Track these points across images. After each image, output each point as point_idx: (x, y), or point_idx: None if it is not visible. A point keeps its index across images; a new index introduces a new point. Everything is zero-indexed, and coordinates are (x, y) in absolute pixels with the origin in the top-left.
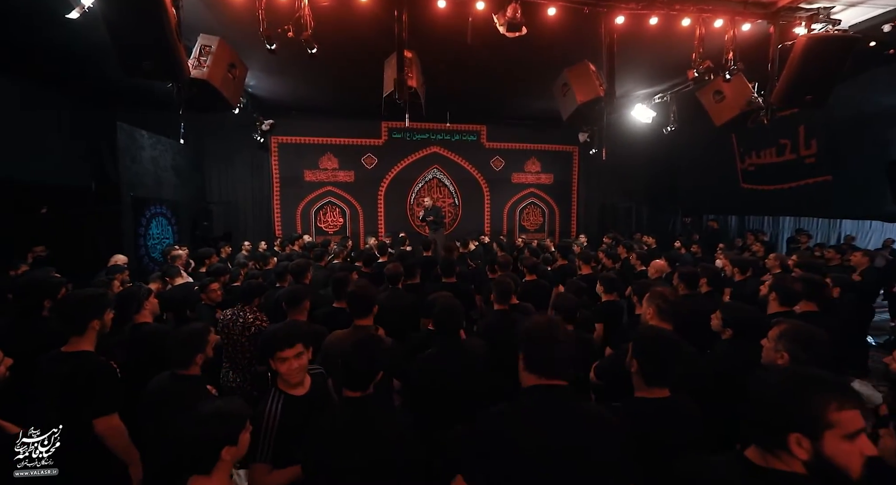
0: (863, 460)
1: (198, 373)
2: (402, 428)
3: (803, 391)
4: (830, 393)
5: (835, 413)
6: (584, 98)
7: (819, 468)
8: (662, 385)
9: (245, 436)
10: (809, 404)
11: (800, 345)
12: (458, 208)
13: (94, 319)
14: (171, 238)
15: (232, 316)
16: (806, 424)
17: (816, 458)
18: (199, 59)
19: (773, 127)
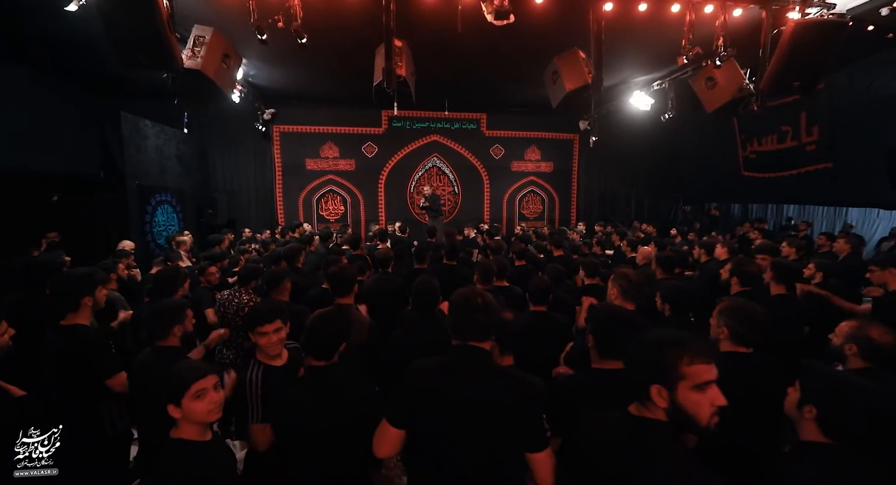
0: (712, 410)
1: (176, 344)
2: (364, 391)
3: (661, 348)
4: (683, 349)
5: (686, 367)
6: (573, 86)
7: (675, 415)
8: (615, 358)
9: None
10: (665, 359)
11: (737, 320)
12: (457, 197)
13: (86, 296)
14: (176, 226)
15: (228, 296)
16: (663, 376)
17: (672, 406)
18: (194, 49)
19: (775, 114)
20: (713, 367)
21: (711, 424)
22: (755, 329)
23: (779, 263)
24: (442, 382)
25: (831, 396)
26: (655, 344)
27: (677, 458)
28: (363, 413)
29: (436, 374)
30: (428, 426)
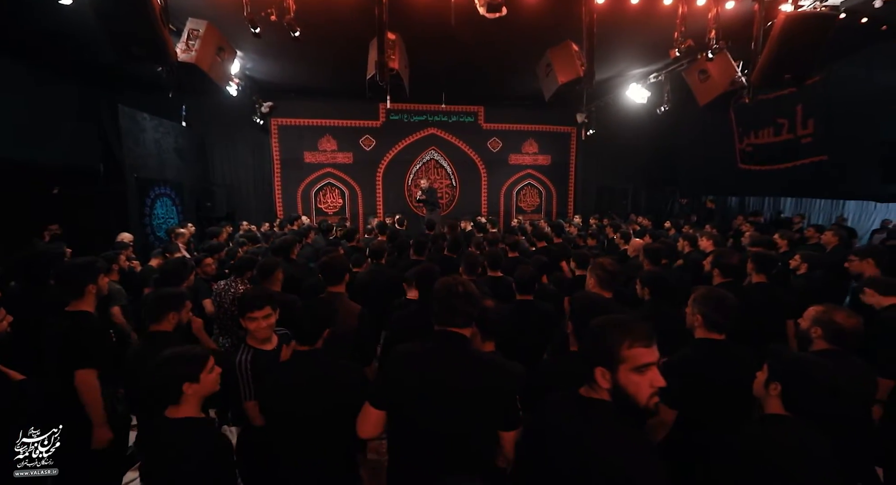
0: (652, 390)
1: (169, 330)
2: (348, 375)
3: (605, 332)
4: (624, 334)
5: (626, 350)
6: (566, 78)
7: (617, 396)
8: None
9: (207, 376)
10: (607, 343)
11: (710, 307)
12: (455, 190)
13: (89, 284)
14: (175, 218)
15: (224, 287)
16: (606, 359)
17: (615, 387)
18: (188, 43)
19: (771, 106)
20: (653, 350)
21: (651, 404)
22: (727, 317)
23: (758, 254)
24: (422, 366)
25: (793, 373)
26: (599, 329)
27: (617, 436)
28: (345, 396)
29: (416, 358)
30: (408, 408)
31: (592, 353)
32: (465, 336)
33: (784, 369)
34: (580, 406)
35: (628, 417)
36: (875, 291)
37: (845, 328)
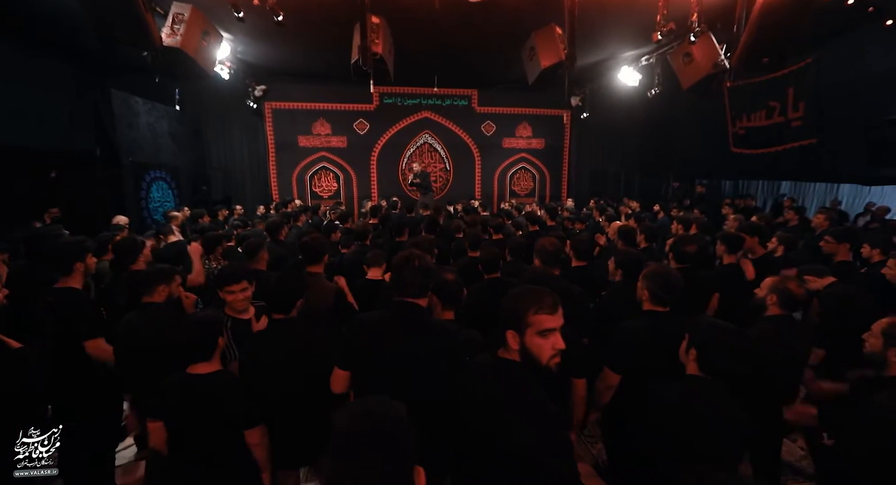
0: (553, 352)
1: (161, 300)
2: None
3: (515, 301)
4: (532, 302)
5: (532, 316)
6: (549, 62)
7: (524, 356)
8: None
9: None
10: (517, 309)
11: (656, 283)
12: (449, 174)
13: (77, 262)
14: (171, 202)
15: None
16: (515, 323)
17: (522, 348)
18: (173, 27)
19: (764, 89)
20: (557, 317)
21: (551, 364)
22: (670, 292)
23: (726, 235)
24: (379, 332)
25: (706, 339)
26: (512, 297)
27: (522, 390)
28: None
29: (375, 325)
30: (367, 369)
31: (505, 318)
32: (419, 305)
33: (699, 336)
34: (495, 366)
35: (533, 375)
36: (815, 277)
37: (796, 295)
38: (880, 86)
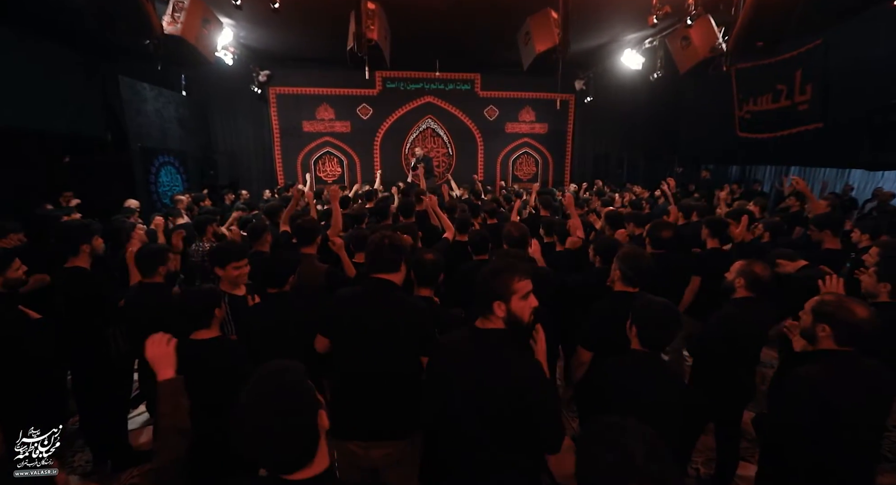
0: (530, 310)
1: (161, 281)
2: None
3: (500, 274)
4: (514, 272)
5: (516, 283)
6: (543, 47)
7: (510, 321)
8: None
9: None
10: (502, 281)
11: (626, 263)
12: (451, 158)
13: (84, 244)
14: (180, 186)
15: (194, 248)
16: (502, 293)
17: (508, 314)
18: (174, 15)
19: (772, 71)
20: (529, 282)
21: (530, 320)
22: (639, 273)
23: (710, 219)
24: (354, 305)
25: (643, 316)
26: (494, 272)
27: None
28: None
29: (351, 298)
30: (344, 337)
31: (490, 291)
32: (391, 282)
33: (638, 313)
34: (477, 335)
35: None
36: (787, 261)
37: (762, 277)
38: (888, 69)
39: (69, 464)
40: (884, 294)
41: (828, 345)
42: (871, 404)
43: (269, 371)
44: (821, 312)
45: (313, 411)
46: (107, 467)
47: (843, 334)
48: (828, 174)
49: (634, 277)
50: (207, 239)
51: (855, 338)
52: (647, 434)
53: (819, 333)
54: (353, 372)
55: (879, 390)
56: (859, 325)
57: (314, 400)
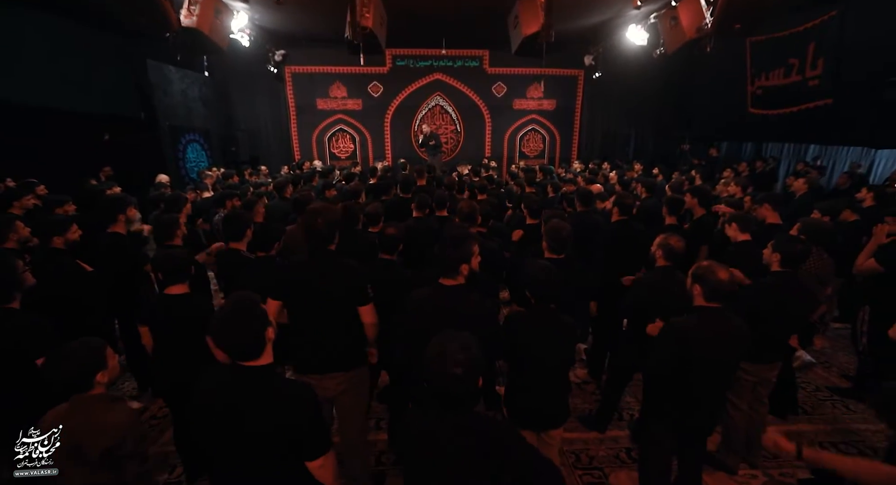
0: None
1: (179, 243)
2: None
3: (464, 242)
4: (472, 239)
5: (474, 247)
6: (529, 30)
7: (470, 277)
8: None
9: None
10: (467, 247)
11: (549, 235)
12: (459, 135)
13: (119, 213)
14: (205, 162)
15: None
16: (467, 257)
17: (470, 272)
18: (190, 8)
19: (786, 45)
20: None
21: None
22: (559, 242)
23: (670, 198)
24: (301, 272)
25: (527, 276)
26: (458, 241)
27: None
28: None
29: (299, 267)
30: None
31: (459, 256)
32: (331, 251)
33: (524, 275)
34: (448, 289)
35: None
36: (738, 227)
37: (675, 249)
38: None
39: (119, 389)
40: (775, 263)
41: (700, 302)
42: (722, 348)
43: (237, 297)
44: (695, 274)
45: (263, 323)
46: (147, 393)
47: (708, 292)
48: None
49: (555, 245)
50: (224, 209)
51: (717, 295)
52: (463, 337)
53: (694, 291)
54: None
55: (733, 337)
56: (720, 284)
57: (264, 317)
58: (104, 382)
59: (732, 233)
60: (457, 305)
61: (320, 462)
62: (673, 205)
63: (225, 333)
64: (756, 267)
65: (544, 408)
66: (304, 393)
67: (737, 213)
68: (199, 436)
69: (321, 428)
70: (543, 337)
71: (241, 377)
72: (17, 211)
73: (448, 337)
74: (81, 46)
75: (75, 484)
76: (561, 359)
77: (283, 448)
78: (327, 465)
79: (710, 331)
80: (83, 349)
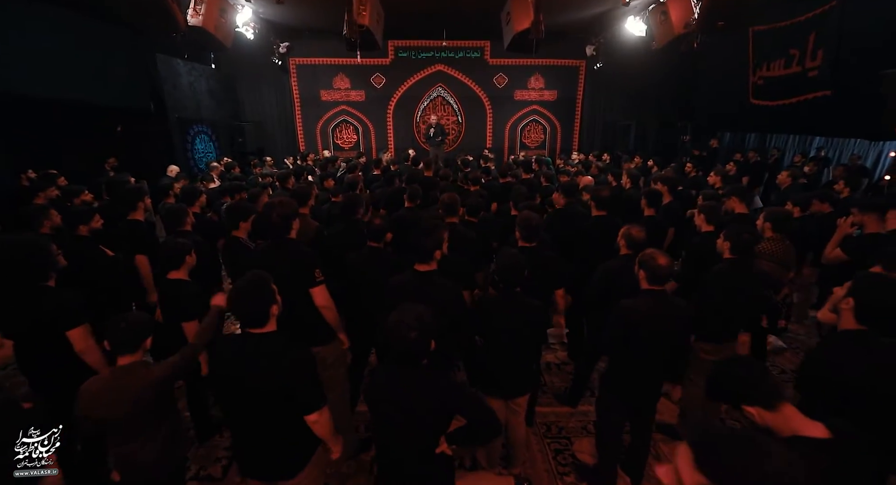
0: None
1: (189, 229)
2: None
3: (434, 231)
4: (442, 229)
5: (445, 236)
6: (520, 27)
7: (442, 262)
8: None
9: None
10: (439, 235)
11: (521, 227)
12: (461, 126)
13: (139, 202)
14: (213, 153)
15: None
16: (440, 245)
17: (442, 256)
18: (196, 7)
19: (788, 35)
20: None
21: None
22: (530, 232)
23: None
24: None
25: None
26: (430, 231)
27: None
28: None
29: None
30: None
31: (433, 244)
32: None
33: (497, 262)
34: (419, 274)
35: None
36: (705, 218)
37: (636, 238)
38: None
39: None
40: (726, 251)
41: (644, 285)
42: (662, 326)
43: (252, 275)
44: (640, 261)
45: (270, 298)
46: None
47: (650, 276)
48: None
49: (527, 235)
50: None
51: (658, 279)
52: (417, 309)
53: (640, 276)
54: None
55: (672, 316)
56: (660, 269)
57: (272, 294)
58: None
59: (699, 222)
60: (428, 289)
61: (315, 417)
62: (651, 197)
63: (238, 303)
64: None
65: (510, 378)
66: (300, 356)
67: (706, 204)
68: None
69: (315, 386)
70: (509, 317)
71: (248, 342)
72: (41, 200)
73: (405, 309)
74: (97, 42)
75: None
76: (524, 336)
77: (283, 403)
78: (322, 420)
79: (652, 311)
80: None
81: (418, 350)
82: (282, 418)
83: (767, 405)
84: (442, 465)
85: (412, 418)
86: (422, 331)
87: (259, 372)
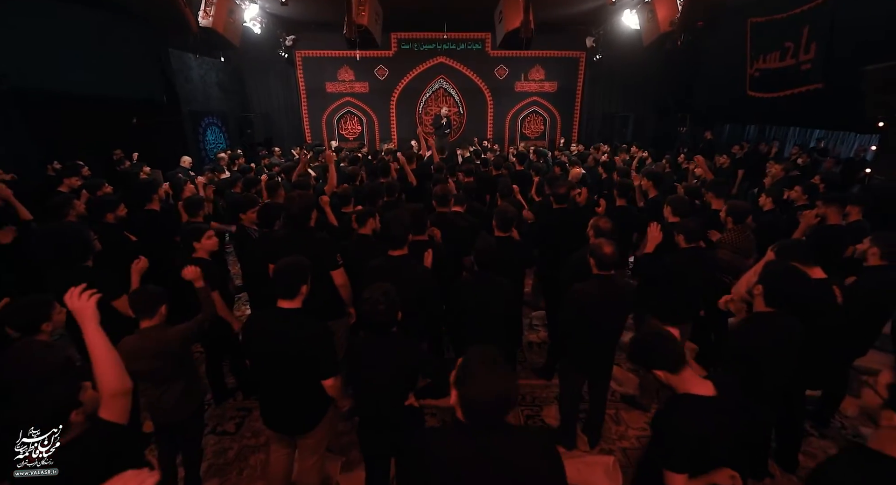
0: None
1: (201, 219)
2: None
3: (401, 220)
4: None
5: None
6: (511, 26)
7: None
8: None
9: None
10: (425, 223)
11: (497, 218)
12: (462, 117)
13: (153, 194)
14: (223, 144)
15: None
16: (422, 231)
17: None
18: (206, 9)
19: (783, 27)
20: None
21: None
22: (505, 222)
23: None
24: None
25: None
26: (397, 218)
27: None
28: None
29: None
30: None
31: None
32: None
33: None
34: (392, 259)
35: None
36: (671, 211)
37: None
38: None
39: None
40: (681, 242)
41: (595, 271)
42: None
43: (291, 259)
44: (590, 250)
45: (302, 278)
46: None
47: (598, 263)
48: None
49: (501, 225)
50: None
51: (604, 265)
52: (385, 287)
53: (591, 262)
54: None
55: (618, 297)
56: (605, 257)
57: (304, 276)
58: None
59: (666, 214)
60: (400, 271)
61: (331, 382)
62: (623, 189)
63: (280, 275)
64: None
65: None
66: (321, 329)
67: (674, 196)
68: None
69: (332, 355)
70: (481, 295)
71: (277, 315)
72: (64, 189)
73: (375, 287)
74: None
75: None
76: (495, 311)
77: (305, 368)
78: (336, 384)
79: (600, 293)
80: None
81: (387, 320)
82: (304, 381)
83: (672, 370)
84: (410, 413)
85: (383, 375)
86: (388, 304)
87: (287, 342)
